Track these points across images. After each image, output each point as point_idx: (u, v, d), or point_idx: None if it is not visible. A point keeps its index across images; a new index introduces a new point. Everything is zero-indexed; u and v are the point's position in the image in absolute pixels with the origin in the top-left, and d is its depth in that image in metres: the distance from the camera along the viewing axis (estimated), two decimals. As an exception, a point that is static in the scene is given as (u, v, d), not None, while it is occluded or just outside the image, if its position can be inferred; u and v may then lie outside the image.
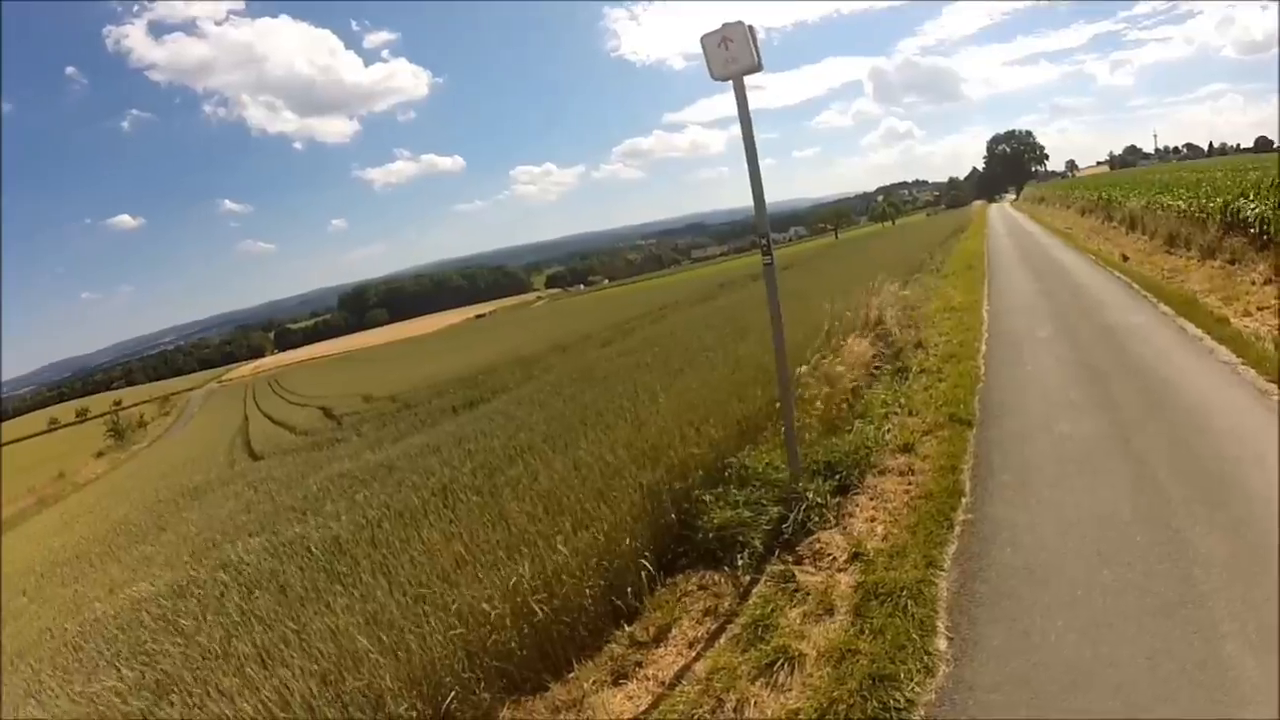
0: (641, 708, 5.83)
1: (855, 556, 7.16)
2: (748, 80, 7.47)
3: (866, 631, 5.96)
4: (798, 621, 6.34)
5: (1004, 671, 5.31)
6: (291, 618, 8.10)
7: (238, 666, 7.49)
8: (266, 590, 9.37)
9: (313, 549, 10.35)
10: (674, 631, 6.70)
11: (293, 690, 6.61)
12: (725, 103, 7.63)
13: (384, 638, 6.80)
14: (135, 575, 14.18)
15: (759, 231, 7.92)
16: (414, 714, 6.13)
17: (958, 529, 7.39)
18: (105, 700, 8.37)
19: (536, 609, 6.68)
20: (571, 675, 6.43)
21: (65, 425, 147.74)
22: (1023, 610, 5.93)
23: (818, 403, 10.43)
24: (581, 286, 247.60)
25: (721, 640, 6.40)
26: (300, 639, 7.44)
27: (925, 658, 5.56)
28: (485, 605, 6.74)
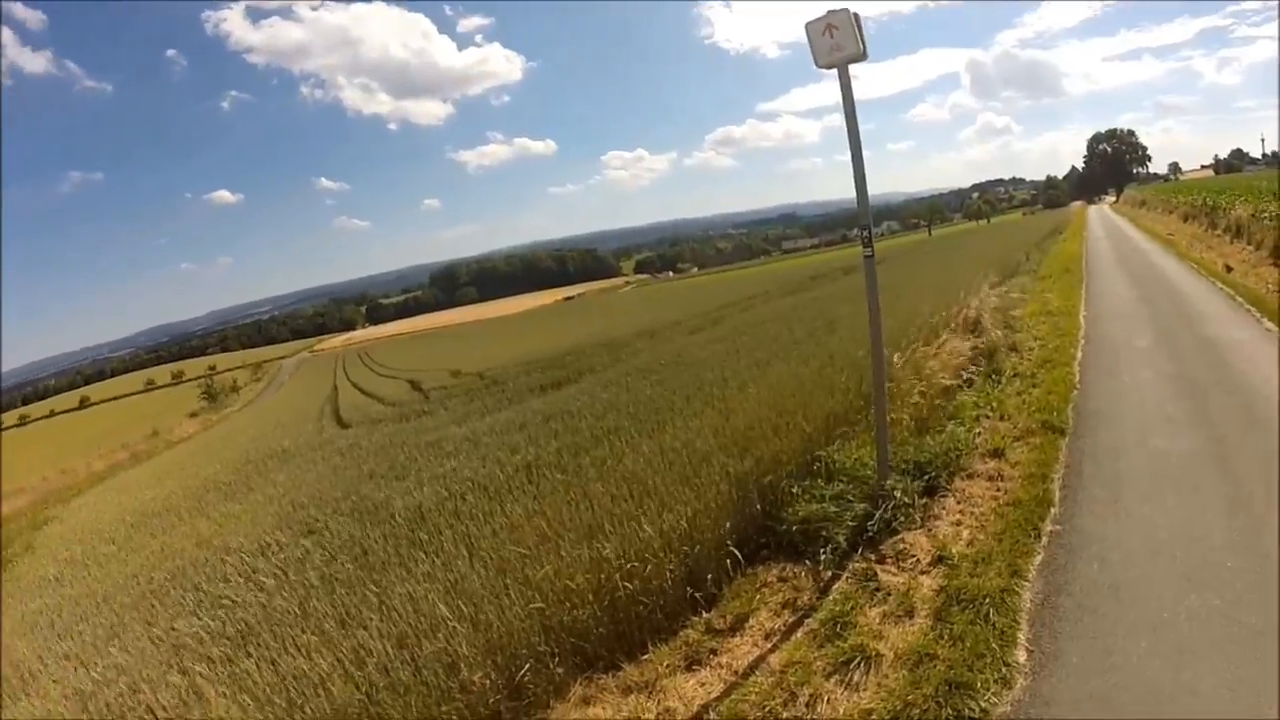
0: (713, 695, 5.82)
1: (939, 560, 7.02)
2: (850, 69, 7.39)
3: (946, 637, 5.84)
4: (877, 621, 6.26)
5: (1082, 690, 5.15)
6: (373, 581, 8.29)
7: (316, 624, 7.73)
8: (349, 553, 9.59)
9: (396, 516, 10.55)
10: (751, 621, 6.67)
11: (370, 650, 6.78)
12: (819, 93, 7.60)
13: (463, 606, 6.90)
14: (222, 531, 14.62)
15: (860, 223, 7.77)
16: (487, 682, 6.22)
17: (1045, 539, 7.20)
18: (185, 644, 8.73)
19: (621, 586, 6.73)
20: (646, 657, 6.46)
21: (161, 386, 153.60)
22: (1105, 628, 5.75)
23: (915, 395, 10.29)
24: (670, 273, 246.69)
25: (798, 634, 6.35)
26: (380, 602, 7.62)
27: (1003, 669, 5.42)
28: (567, 581, 6.82)
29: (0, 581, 10.28)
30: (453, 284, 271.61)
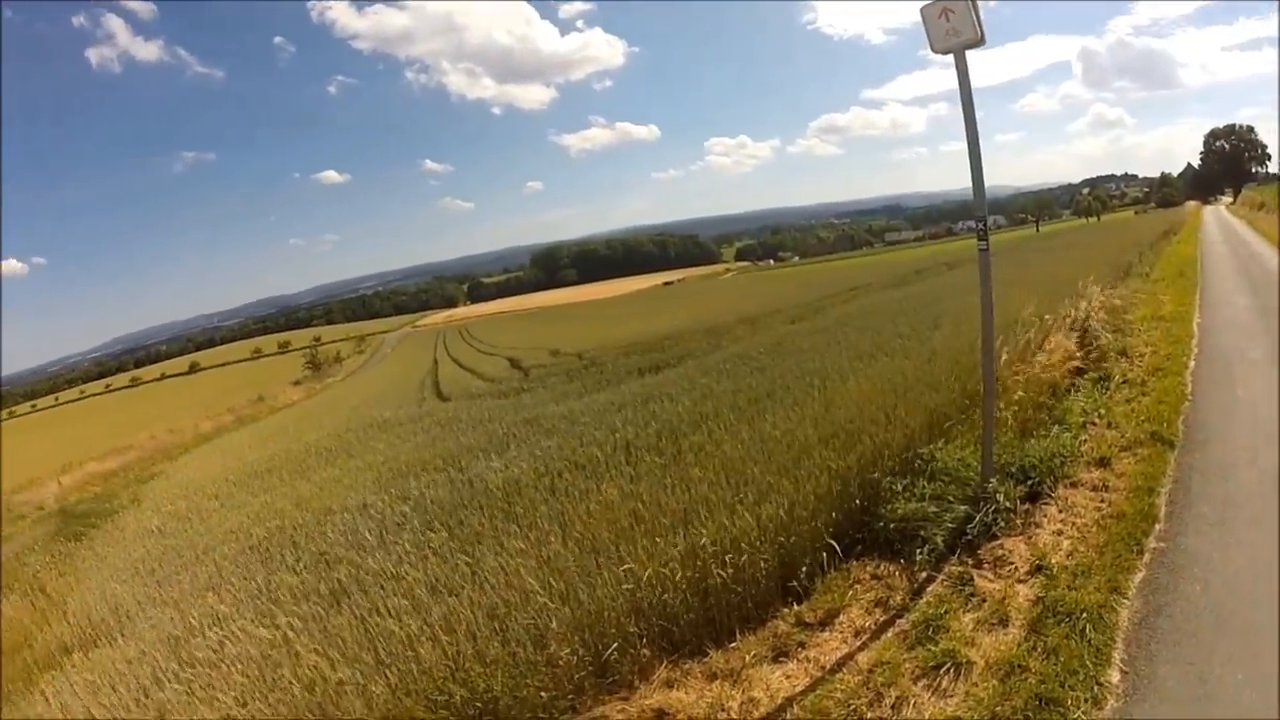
0: (798, 689, 5.80)
1: (1038, 569, 6.83)
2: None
3: (1039, 649, 5.69)
4: (969, 627, 6.14)
5: (1174, 716, 5.01)
6: (466, 551, 8.49)
7: (408, 588, 7.95)
8: (444, 522, 9.81)
9: (492, 489, 10.73)
10: (841, 618, 6.63)
11: (459, 618, 6.96)
12: (925, 81, 7.42)
13: (554, 582, 7.03)
14: (321, 494, 15.05)
15: (976, 214, 7.62)
16: (574, 659, 6.33)
17: (1147, 556, 6.91)
18: (281, 598, 9.10)
19: (714, 574, 6.75)
20: (733, 645, 6.47)
21: (267, 355, 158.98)
22: (1203, 655, 5.51)
23: (1018, 393, 10.06)
24: (771, 261, 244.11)
25: (889, 634, 6.28)
26: (472, 572, 7.82)
27: (1096, 688, 5.26)
28: (660, 565, 6.86)
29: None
30: (553, 265, 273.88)
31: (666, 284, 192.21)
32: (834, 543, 7.36)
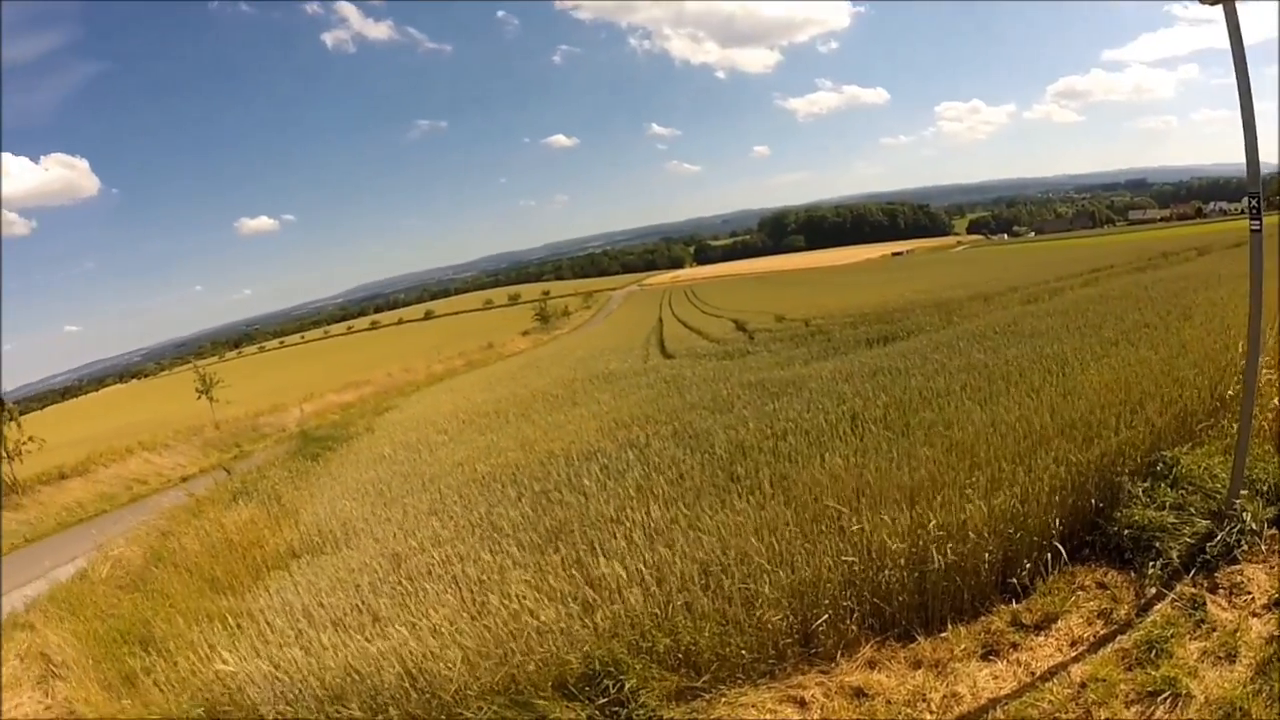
0: (1003, 691, 5.68)
1: (1277, 604, 6.24)
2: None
3: (1264, 694, 5.20)
4: (1194, 656, 5.72)
5: None
6: (686, 504, 8.69)
7: (626, 533, 8.25)
8: (666, 474, 10.01)
9: (716, 447, 10.86)
10: (1059, 624, 6.36)
11: (673, 569, 7.20)
12: (1171, 40, 6.53)
13: (774, 544, 7.12)
14: (546, 437, 15.52)
15: (1250, 189, 6.82)
16: (783, 625, 6.42)
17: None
18: (501, 529, 9.67)
19: (935, 558, 6.64)
20: (943, 634, 6.39)
21: (498, 306, 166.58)
22: None
23: (1276, 400, 9.19)
24: (1005, 236, 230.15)
25: (1107, 649, 5.97)
26: (690, 525, 8.02)
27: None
28: (884, 539, 6.82)
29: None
30: (780, 231, 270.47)
31: (895, 254, 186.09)
32: (1061, 543, 7.07)
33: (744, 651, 6.37)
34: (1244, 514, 7.00)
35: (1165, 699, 5.27)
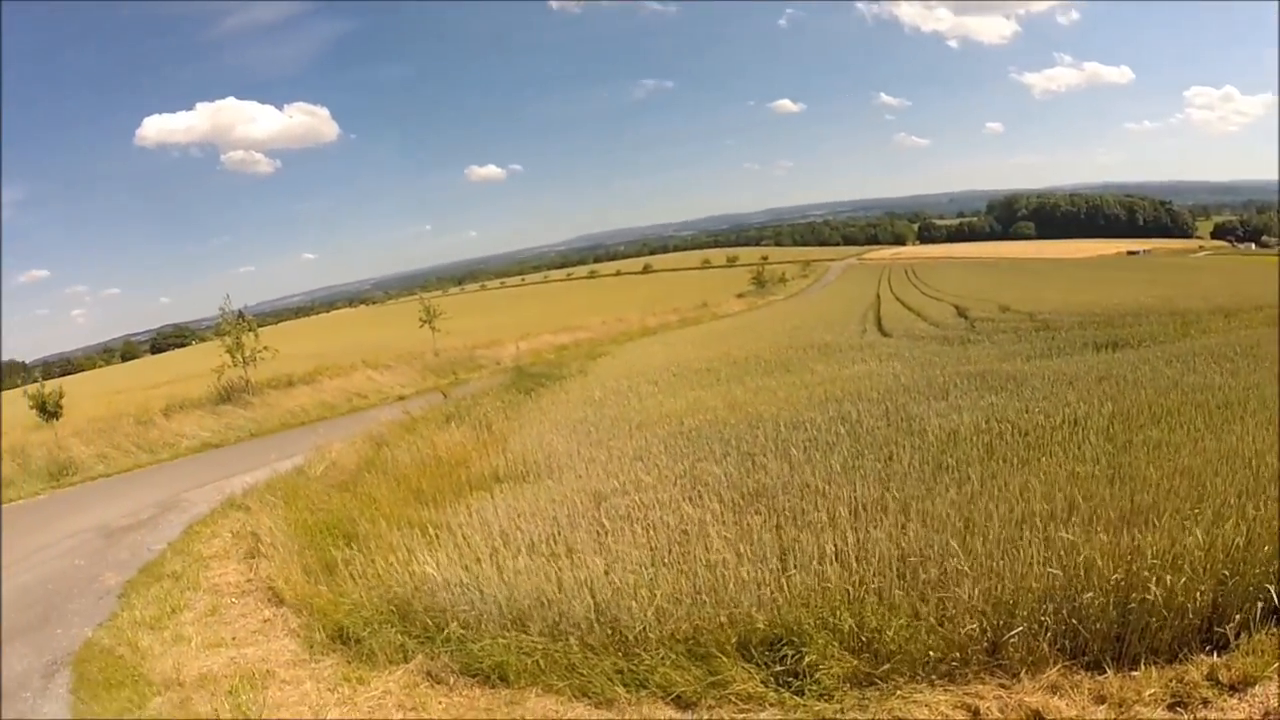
0: (1184, 750, 5.25)
1: None
2: None
3: None
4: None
5: None
6: (894, 486, 8.64)
7: (830, 507, 8.28)
8: (876, 454, 9.99)
9: (928, 434, 10.71)
10: (1256, 689, 5.73)
11: (875, 549, 7.20)
12: None
13: (979, 546, 6.97)
14: (755, 400, 15.63)
15: None
16: (974, 631, 6.26)
17: None
18: (704, 480, 9.92)
19: (1146, 588, 6.18)
20: (1134, 674, 5.98)
21: (716, 267, 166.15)
22: None
23: None
24: (1253, 245, 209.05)
25: (1307, 731, 5.38)
26: (895, 509, 7.98)
27: None
28: (1099, 559, 6.48)
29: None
30: (1010, 215, 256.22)
31: (1131, 253, 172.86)
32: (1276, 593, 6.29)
33: (930, 650, 6.26)
34: None
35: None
